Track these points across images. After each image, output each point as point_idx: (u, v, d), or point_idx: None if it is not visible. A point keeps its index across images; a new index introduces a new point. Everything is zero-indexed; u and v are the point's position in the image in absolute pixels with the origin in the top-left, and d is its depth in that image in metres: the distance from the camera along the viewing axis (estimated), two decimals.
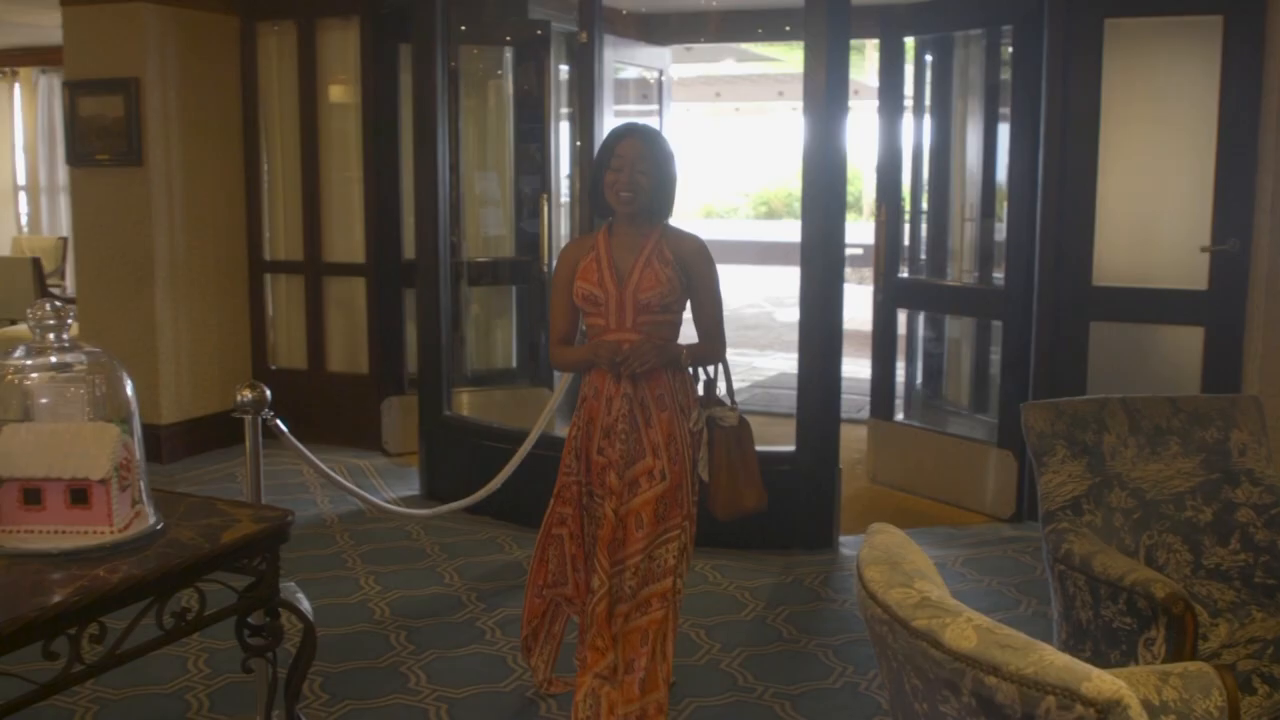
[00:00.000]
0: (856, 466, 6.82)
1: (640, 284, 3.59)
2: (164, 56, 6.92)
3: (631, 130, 3.69)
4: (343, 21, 7.27)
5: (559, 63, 7.48)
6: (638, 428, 3.60)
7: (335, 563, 5.35)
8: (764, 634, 4.61)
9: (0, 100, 11.86)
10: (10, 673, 2.18)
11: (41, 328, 2.53)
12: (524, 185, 7.60)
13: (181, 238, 7.09)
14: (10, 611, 2.14)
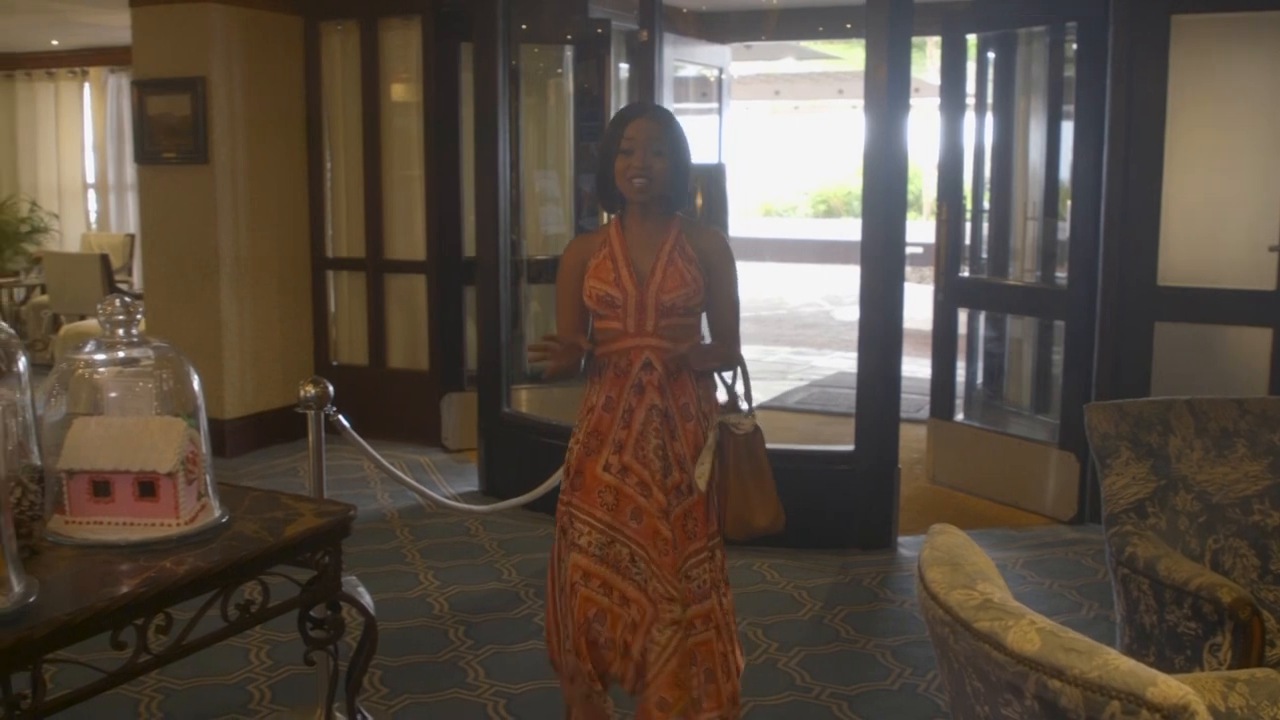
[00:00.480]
0: (915, 466, 6.78)
1: (664, 284, 3.22)
2: (230, 56, 7.01)
3: (642, 109, 3.40)
4: (404, 21, 7.32)
5: (619, 61, 7.49)
6: (664, 441, 3.23)
7: (395, 557, 5.39)
8: (822, 634, 4.60)
9: (70, 100, 12.06)
10: (79, 661, 2.22)
11: (111, 323, 2.57)
12: (583, 183, 7.62)
13: (246, 235, 7.18)
14: (80, 601, 2.18)
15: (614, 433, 3.24)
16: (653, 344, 3.22)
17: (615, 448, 3.24)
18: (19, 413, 2.65)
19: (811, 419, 8.52)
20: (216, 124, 6.96)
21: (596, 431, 3.26)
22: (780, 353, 11.67)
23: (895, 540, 5.55)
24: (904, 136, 5.38)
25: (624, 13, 7.31)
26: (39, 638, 2.05)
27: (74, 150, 12.15)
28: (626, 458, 3.22)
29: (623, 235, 3.29)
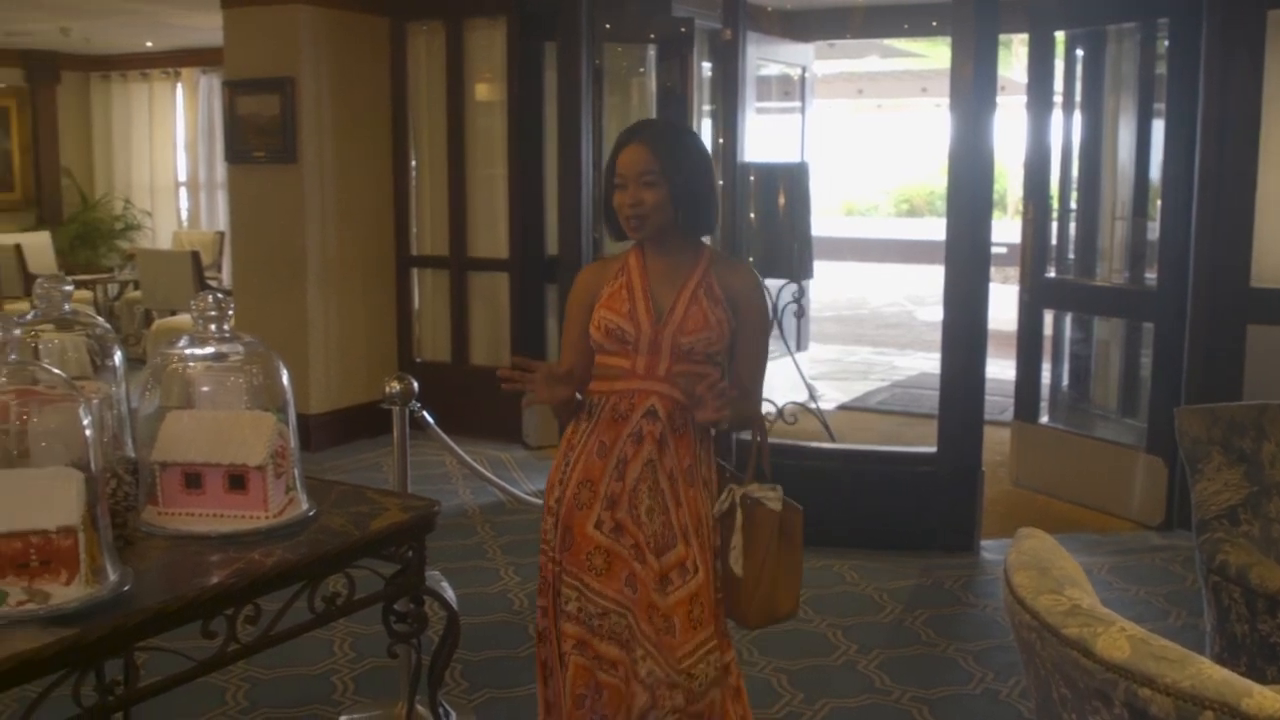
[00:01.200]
0: (998, 469, 6.69)
1: (684, 324, 2.80)
2: (318, 57, 7.11)
3: (634, 134, 2.87)
4: (490, 21, 7.38)
5: (702, 60, 7.49)
6: (666, 507, 2.78)
7: (476, 553, 5.44)
8: (902, 636, 4.56)
9: (163, 100, 12.31)
10: (170, 649, 2.26)
11: (204, 319, 2.62)
12: None
13: (332, 232, 7.28)
14: (172, 591, 2.22)
15: (607, 484, 2.81)
16: (661, 390, 2.81)
17: (608, 502, 2.81)
18: (114, 406, 2.72)
19: (893, 420, 8.45)
20: (305, 124, 7.06)
21: (588, 480, 2.83)
22: (861, 353, 11.58)
23: (978, 543, 5.49)
24: (990, 135, 5.31)
25: (708, 11, 7.30)
26: (132, 625, 2.09)
27: (166, 149, 12.40)
28: (620, 515, 2.80)
29: (644, 265, 2.89)
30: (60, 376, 2.28)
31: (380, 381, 3.95)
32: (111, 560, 2.16)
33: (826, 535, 5.49)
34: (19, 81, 12.19)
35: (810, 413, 6.97)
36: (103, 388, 2.68)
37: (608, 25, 7.28)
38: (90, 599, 2.07)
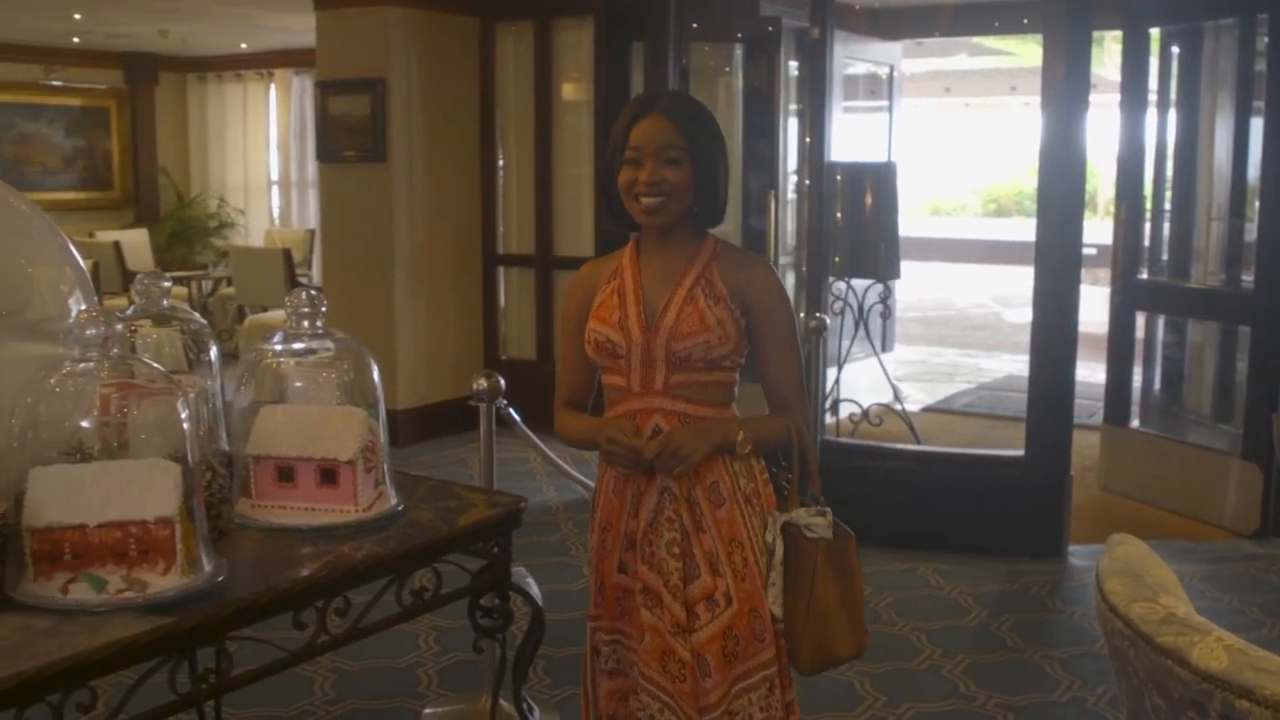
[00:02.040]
0: (1087, 474, 6.59)
1: (676, 328, 2.45)
2: (408, 57, 7.19)
3: (650, 103, 2.49)
4: (577, 21, 7.41)
5: (789, 59, 7.46)
6: (686, 535, 2.48)
7: (559, 550, 5.47)
8: (987, 642, 4.50)
9: (256, 100, 12.53)
10: (261, 639, 2.30)
11: (298, 315, 2.66)
12: (751, 182, 7.60)
13: (420, 231, 7.36)
14: (265, 582, 2.26)
15: (625, 523, 2.55)
16: (663, 406, 2.49)
17: (626, 543, 2.55)
18: (209, 400, 2.77)
19: (979, 422, 8.35)
20: (394, 123, 7.15)
21: (608, 524, 2.58)
22: (947, 354, 11.47)
23: (1066, 549, 5.40)
24: (1083, 135, 5.23)
25: (795, 10, 7.27)
26: (226, 615, 2.13)
27: (259, 148, 12.62)
28: (630, 556, 2.56)
29: (637, 263, 2.55)
30: (159, 371, 2.33)
31: (466, 378, 3.99)
32: (206, 551, 2.21)
33: (911, 538, 5.46)
34: (119, 83, 12.49)
35: (895, 414, 6.92)
36: (198, 382, 2.74)
37: (695, 25, 7.28)
38: (186, 589, 2.11)
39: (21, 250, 2.41)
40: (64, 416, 2.15)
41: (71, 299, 2.39)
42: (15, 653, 1.88)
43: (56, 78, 11.99)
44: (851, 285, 6.86)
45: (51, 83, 11.98)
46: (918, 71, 18.35)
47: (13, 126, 11.78)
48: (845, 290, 6.84)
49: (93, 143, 12.40)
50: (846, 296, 6.84)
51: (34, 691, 1.86)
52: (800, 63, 7.43)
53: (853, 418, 6.81)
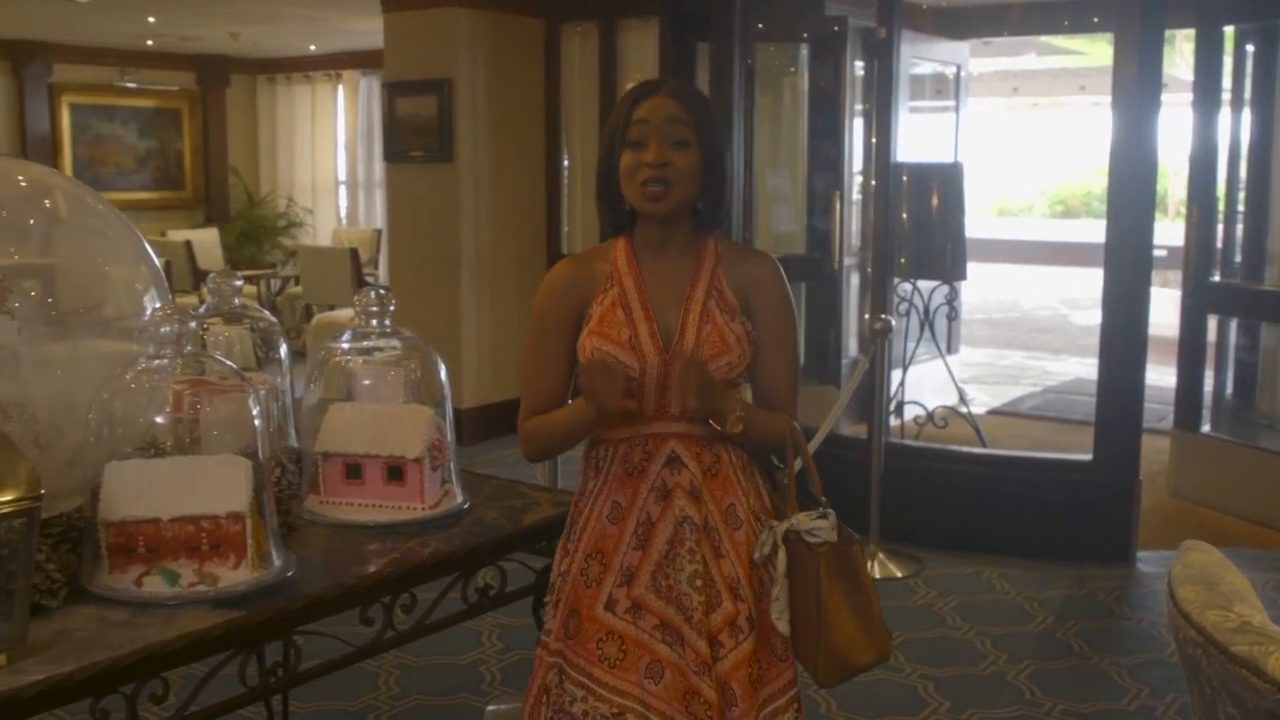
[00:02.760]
0: (1156, 479, 6.49)
1: (700, 350, 2.24)
2: (475, 58, 7.24)
3: (655, 86, 2.28)
4: (642, 22, 7.42)
5: (854, 59, 7.42)
6: (706, 565, 2.26)
7: None
8: (1053, 648, 4.45)
9: (324, 101, 12.67)
10: (329, 634, 2.33)
11: (366, 314, 2.69)
12: (816, 182, 7.58)
13: (486, 231, 7.41)
14: (333, 578, 2.29)
15: (622, 555, 2.28)
16: (680, 431, 2.27)
17: (623, 577, 2.27)
18: (279, 397, 2.81)
19: (1046, 426, 8.26)
20: (461, 124, 7.20)
21: (598, 552, 2.29)
22: (1013, 356, 11.35)
23: (1134, 555, 5.33)
24: (1154, 135, 5.16)
25: (861, 10, 7.23)
26: (295, 610, 2.16)
27: (327, 149, 12.76)
28: (639, 591, 2.26)
29: (638, 269, 2.30)
30: (231, 368, 2.37)
31: None
32: (276, 546, 2.24)
33: (976, 542, 5.41)
34: (191, 85, 12.69)
35: (961, 417, 6.86)
36: (269, 379, 2.78)
37: (760, 25, 7.27)
38: (256, 583, 2.14)
39: (98, 249, 2.45)
40: (139, 412, 2.19)
41: (146, 297, 2.43)
42: (91, 644, 1.92)
43: (131, 80, 12.21)
44: (917, 287, 6.81)
45: (126, 85, 12.20)
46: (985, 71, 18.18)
47: (88, 128, 12.00)
48: (911, 292, 6.79)
49: (165, 143, 12.61)
50: (912, 298, 6.79)
51: (109, 682, 1.90)
52: (866, 63, 7.39)
53: (917, 420, 6.76)
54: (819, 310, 7.63)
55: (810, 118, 7.59)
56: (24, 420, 2.18)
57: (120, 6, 9.06)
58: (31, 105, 11.49)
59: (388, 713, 3.90)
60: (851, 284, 7.65)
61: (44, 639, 1.92)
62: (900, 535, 5.38)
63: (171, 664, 1.98)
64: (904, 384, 6.72)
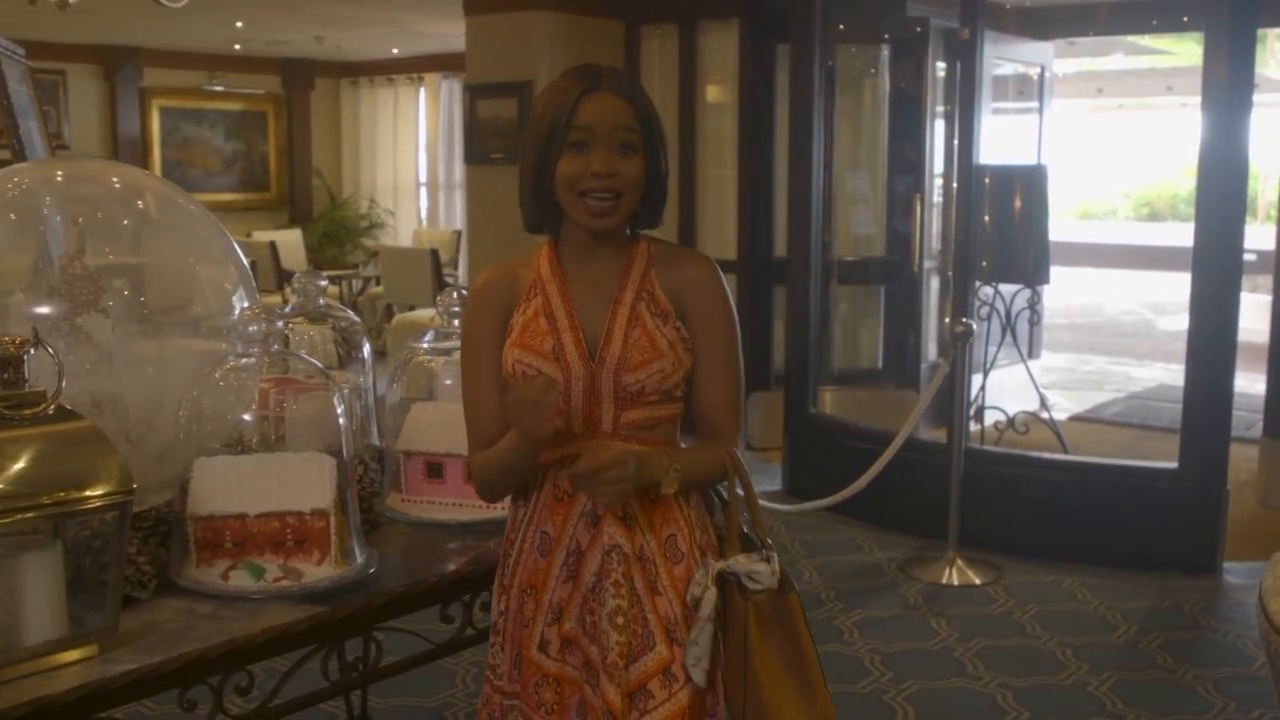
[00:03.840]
0: (1244, 489, 6.35)
1: (626, 358, 2.02)
2: (555, 61, 7.27)
3: (595, 79, 2.01)
4: (722, 24, 7.41)
5: (936, 59, 7.36)
6: (638, 600, 2.01)
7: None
8: (1136, 659, 4.38)
9: (406, 103, 12.80)
10: (409, 631, 2.36)
11: (449, 314, 2.72)
12: (896, 184, 7.52)
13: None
14: (414, 575, 2.31)
15: (552, 590, 2.06)
16: (616, 448, 2.01)
17: (552, 615, 2.06)
18: (362, 396, 2.85)
19: (1129, 432, 8.12)
20: None
21: (530, 587, 2.08)
22: (1096, 362, 11.18)
23: (1221, 566, 5.22)
24: (1245, 136, 5.05)
25: (943, 10, 7.16)
26: (377, 606, 2.19)
27: (408, 151, 12.89)
28: (569, 627, 2.05)
29: (562, 274, 2.09)
30: (316, 366, 2.40)
31: None
32: (359, 543, 2.27)
33: (1056, 550, 5.34)
34: (276, 88, 12.89)
35: (1042, 423, 6.76)
36: (352, 378, 2.82)
37: (841, 26, 7.23)
38: (339, 579, 2.17)
39: (188, 249, 2.50)
40: (226, 410, 2.24)
41: (235, 296, 2.47)
42: (179, 635, 1.96)
43: (218, 83, 12.43)
44: (999, 290, 6.73)
45: (213, 88, 12.42)
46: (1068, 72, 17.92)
47: (177, 130, 12.24)
48: (992, 295, 6.71)
49: (251, 146, 12.82)
50: (993, 302, 6.71)
51: (196, 673, 1.94)
52: (948, 64, 7.32)
53: (998, 425, 6.68)
54: (898, 313, 7.57)
55: (891, 119, 7.54)
56: (116, 416, 2.23)
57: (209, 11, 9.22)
58: (123, 109, 11.75)
59: (464, 710, 3.93)
60: (931, 287, 7.58)
61: (134, 630, 1.96)
62: (979, 542, 5.32)
63: (256, 657, 2.02)
64: (984, 389, 6.64)
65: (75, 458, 1.87)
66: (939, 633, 4.57)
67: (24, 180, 2.41)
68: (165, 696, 1.98)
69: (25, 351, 1.87)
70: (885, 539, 5.61)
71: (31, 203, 2.36)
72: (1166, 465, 5.33)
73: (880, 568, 5.28)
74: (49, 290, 2.24)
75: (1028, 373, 7.06)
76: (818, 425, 6.34)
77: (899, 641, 4.48)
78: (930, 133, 7.36)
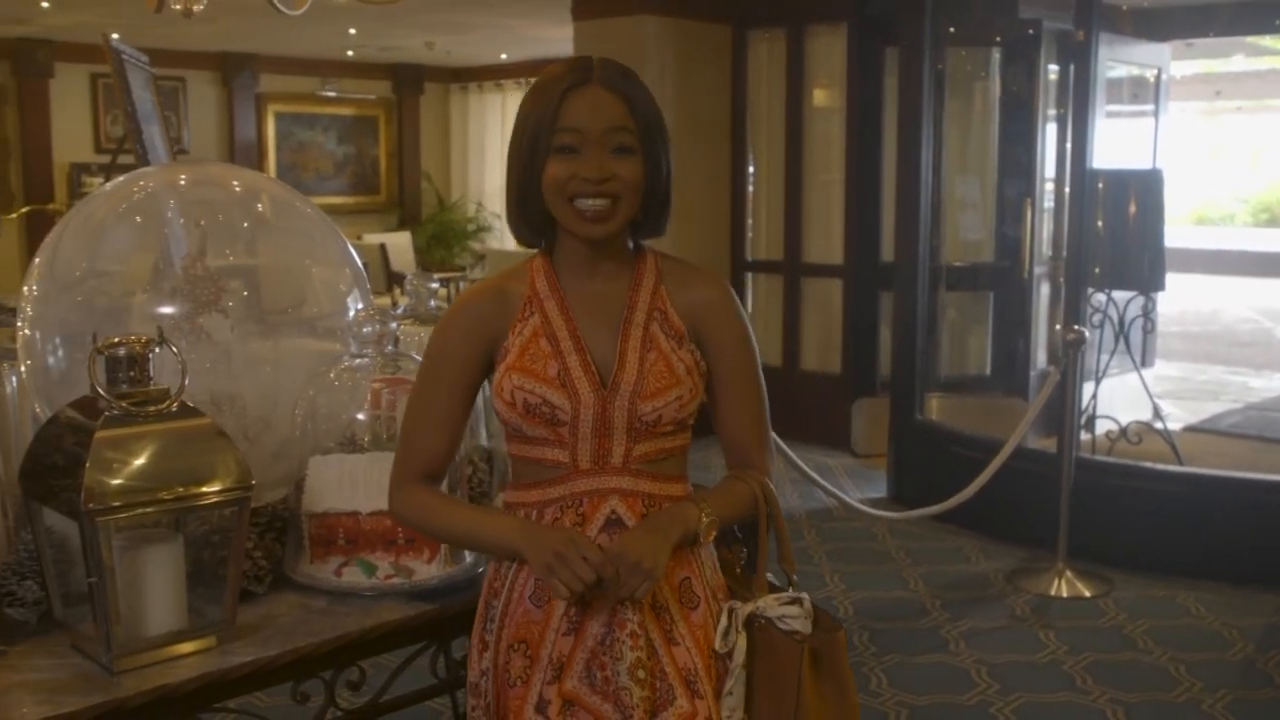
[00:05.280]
0: None
1: (641, 384, 1.84)
2: (663, 65, 7.30)
3: (585, 72, 1.81)
4: (830, 28, 7.37)
5: (1048, 62, 7.24)
6: (655, 652, 1.83)
7: (802, 557, 5.45)
8: (1253, 678, 4.25)
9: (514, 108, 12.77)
10: None
11: None
12: (1006, 189, 7.41)
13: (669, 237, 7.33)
14: None
15: (551, 644, 1.84)
16: (622, 487, 1.85)
17: (552, 671, 1.83)
18: None
19: (1247, 444, 7.90)
20: None
21: (522, 641, 1.86)
22: (1212, 371, 10.89)
23: None
24: None
25: (1056, 12, 7.04)
26: None
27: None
28: (571, 685, 1.83)
29: (561, 291, 1.89)
30: None
31: None
32: None
33: (1170, 563, 5.22)
34: (387, 93, 13.12)
35: (1156, 433, 6.61)
36: None
37: (951, 29, 7.15)
38: (448, 578, 2.20)
39: (304, 250, 2.55)
40: (340, 409, 2.27)
41: (349, 298, 2.51)
42: (294, 629, 2.00)
43: (331, 89, 12.68)
44: (1111, 297, 6.60)
45: (326, 94, 12.68)
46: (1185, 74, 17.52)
47: (291, 135, 12.52)
48: (1105, 302, 6.58)
49: (362, 150, 13.06)
50: (1106, 309, 6.58)
51: (310, 667, 1.98)
52: (1061, 66, 7.20)
53: (1109, 435, 6.55)
54: (1006, 319, 7.46)
55: (1001, 123, 7.43)
56: (235, 414, 2.28)
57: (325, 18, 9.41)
58: (240, 114, 12.05)
59: None
60: (1041, 293, 7.46)
61: (250, 623, 2.01)
62: (1089, 554, 5.22)
63: (367, 653, 2.06)
64: (1096, 397, 6.51)
65: (197, 454, 1.92)
66: (1047, 645, 4.49)
67: (149, 184, 2.48)
68: (277, 689, 2.02)
69: (151, 350, 1.93)
70: (992, 549, 5.53)
71: (156, 206, 2.42)
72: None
73: (987, 578, 5.20)
74: (171, 291, 2.29)
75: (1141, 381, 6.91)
76: (924, 432, 6.27)
77: (1006, 653, 4.41)
78: (1041, 136, 7.24)
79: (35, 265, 2.38)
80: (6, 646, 1.90)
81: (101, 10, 8.70)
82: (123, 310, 2.30)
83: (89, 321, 2.24)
